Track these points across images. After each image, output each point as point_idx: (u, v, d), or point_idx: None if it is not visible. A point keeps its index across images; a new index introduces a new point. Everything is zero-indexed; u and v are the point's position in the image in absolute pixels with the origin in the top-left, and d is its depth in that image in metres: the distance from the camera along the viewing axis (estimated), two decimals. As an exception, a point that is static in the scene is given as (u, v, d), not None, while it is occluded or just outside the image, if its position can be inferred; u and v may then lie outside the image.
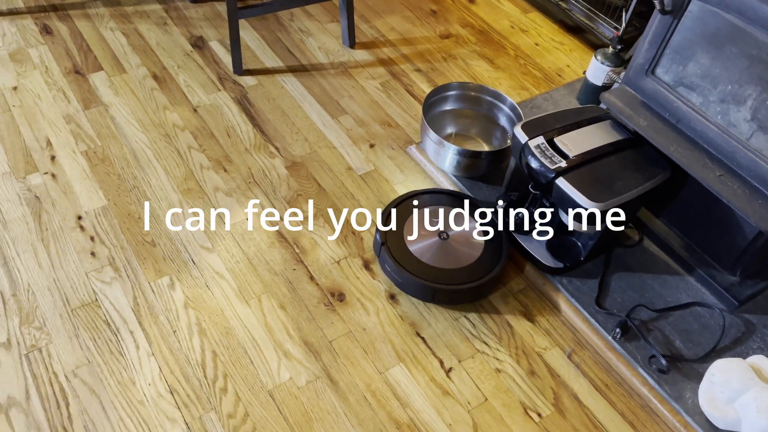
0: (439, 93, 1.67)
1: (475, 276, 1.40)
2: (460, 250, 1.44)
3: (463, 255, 1.43)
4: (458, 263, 1.41)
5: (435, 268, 1.40)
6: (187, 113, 1.74)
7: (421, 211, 1.49)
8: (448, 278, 1.39)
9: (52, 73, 1.81)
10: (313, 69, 1.92)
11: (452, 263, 1.41)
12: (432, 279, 1.38)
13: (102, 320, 1.32)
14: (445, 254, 1.43)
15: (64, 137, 1.65)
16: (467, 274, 1.40)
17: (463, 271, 1.40)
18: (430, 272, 1.39)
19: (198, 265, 1.43)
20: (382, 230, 1.43)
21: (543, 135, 1.38)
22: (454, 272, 1.40)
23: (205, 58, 1.91)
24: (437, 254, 1.42)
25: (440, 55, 2.03)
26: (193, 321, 1.34)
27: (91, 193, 1.53)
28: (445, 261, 1.41)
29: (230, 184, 1.59)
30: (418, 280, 1.37)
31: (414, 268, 1.39)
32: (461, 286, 1.38)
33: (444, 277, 1.39)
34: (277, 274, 1.43)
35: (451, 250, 1.44)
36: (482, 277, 1.40)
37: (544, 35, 2.15)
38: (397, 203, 1.50)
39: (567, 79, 2.00)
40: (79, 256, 1.42)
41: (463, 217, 1.50)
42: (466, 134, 1.71)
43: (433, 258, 1.42)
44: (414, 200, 1.51)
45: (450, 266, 1.40)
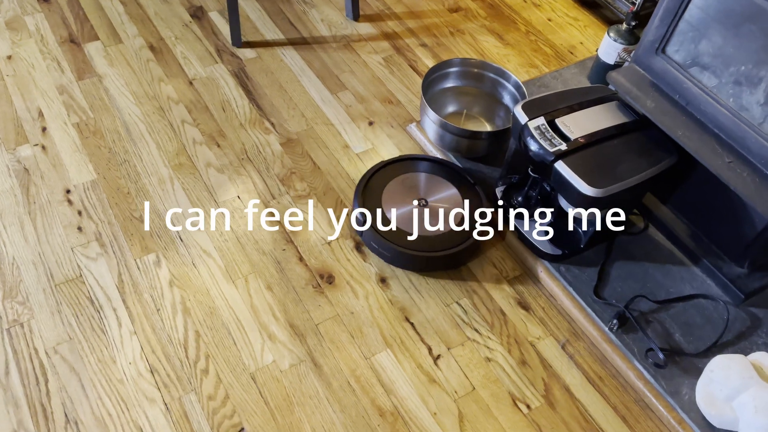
0: (439, 70, 1.60)
1: (452, 243, 1.38)
2: (440, 217, 1.42)
3: (443, 221, 1.41)
4: (438, 229, 1.40)
5: (414, 235, 1.38)
6: (182, 86, 1.70)
7: (400, 179, 1.47)
8: (425, 245, 1.37)
9: (47, 41, 1.77)
10: (315, 42, 1.87)
11: (432, 230, 1.39)
12: (410, 246, 1.36)
13: (85, 297, 1.30)
14: (424, 221, 1.41)
15: (56, 108, 1.62)
16: (445, 240, 1.38)
17: (442, 237, 1.38)
18: (407, 239, 1.37)
19: (186, 242, 1.40)
20: (360, 198, 1.42)
21: (544, 116, 1.31)
22: (432, 239, 1.38)
23: (204, 30, 1.86)
24: (417, 221, 1.40)
25: (447, 29, 1.96)
26: (178, 300, 1.31)
27: (81, 166, 1.51)
28: (424, 227, 1.39)
29: (223, 160, 1.55)
30: (394, 246, 1.35)
31: (393, 236, 1.37)
32: (438, 252, 1.36)
33: (422, 244, 1.37)
34: (265, 254, 1.40)
35: (431, 217, 1.42)
36: (460, 243, 1.38)
37: (558, 10, 2.07)
38: (376, 170, 1.48)
39: (579, 57, 1.92)
40: (66, 230, 1.39)
41: (444, 183, 1.47)
42: (468, 113, 1.64)
43: (412, 225, 1.40)
44: (392, 167, 1.49)
45: (428, 233, 1.39)
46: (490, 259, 1.43)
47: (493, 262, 1.43)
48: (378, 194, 1.45)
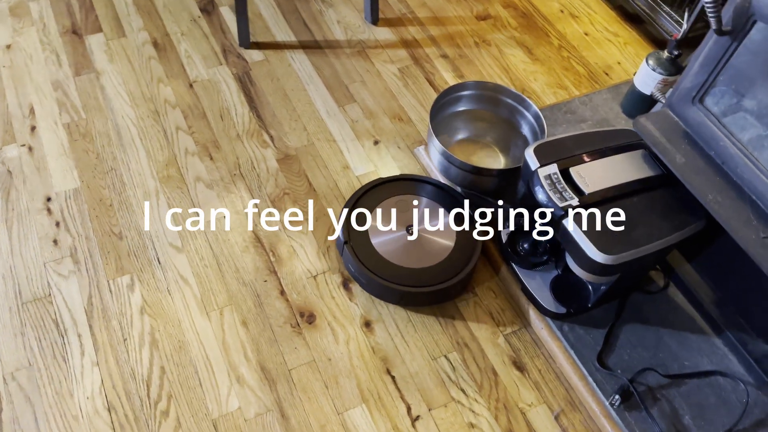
0: (453, 92, 1.47)
1: (440, 278, 1.27)
2: (427, 248, 1.31)
3: (430, 253, 1.30)
4: (424, 262, 1.28)
5: (398, 267, 1.27)
6: (181, 88, 1.61)
7: (389, 202, 1.36)
8: (412, 279, 1.26)
9: (48, 31, 1.69)
10: (328, 46, 1.74)
11: (417, 262, 1.28)
12: (393, 279, 1.25)
13: (51, 319, 1.23)
14: (410, 252, 1.30)
15: (48, 106, 1.54)
16: (433, 275, 1.27)
17: (428, 272, 1.27)
18: (392, 271, 1.27)
19: (163, 265, 1.32)
20: (344, 222, 1.32)
21: (557, 163, 1.17)
22: (419, 272, 1.27)
23: (213, 26, 1.75)
24: (402, 252, 1.30)
25: (473, 39, 1.81)
26: (147, 330, 1.23)
27: (66, 172, 1.43)
28: (409, 259, 1.29)
29: (213, 174, 1.46)
30: (377, 279, 1.24)
31: (375, 266, 1.26)
32: (424, 288, 1.25)
33: (407, 278, 1.26)
34: (245, 285, 1.30)
35: (418, 247, 1.31)
36: (448, 279, 1.27)
37: (597, 23, 1.89)
38: (365, 191, 1.37)
39: (614, 80, 1.75)
40: (41, 242, 1.32)
41: (435, 211, 1.35)
42: (481, 140, 1.51)
43: (397, 256, 1.29)
44: (381, 188, 1.38)
45: (415, 265, 1.28)
46: (488, 308, 1.31)
47: (491, 312, 1.31)
48: (364, 216, 1.34)
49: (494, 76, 1.72)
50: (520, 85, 1.71)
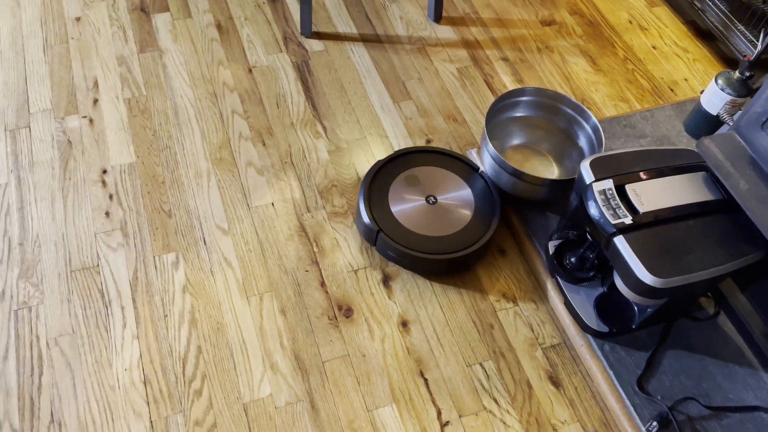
0: (511, 97, 1.44)
1: (458, 245, 1.30)
2: (448, 216, 1.34)
3: (451, 221, 1.33)
4: (444, 230, 1.32)
5: (417, 235, 1.31)
6: (240, 72, 1.62)
7: (410, 172, 1.39)
8: (430, 246, 1.30)
9: (117, 7, 1.73)
10: (388, 41, 1.73)
11: (438, 230, 1.32)
12: (413, 246, 1.29)
13: (97, 289, 1.26)
14: (431, 220, 1.33)
15: (111, 80, 1.58)
16: (451, 242, 1.31)
17: (448, 239, 1.31)
18: (412, 239, 1.30)
19: (209, 246, 1.34)
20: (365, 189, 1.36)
21: (613, 178, 1.14)
22: (438, 240, 1.31)
23: (276, 13, 1.77)
24: (423, 220, 1.33)
25: (536, 44, 1.77)
26: (187, 309, 1.25)
27: (122, 146, 1.46)
28: (430, 227, 1.32)
29: (265, 160, 1.47)
30: (397, 246, 1.28)
31: (395, 233, 1.30)
32: (442, 255, 1.29)
33: (426, 245, 1.30)
34: (287, 273, 1.31)
35: (439, 216, 1.34)
36: (466, 247, 1.30)
37: (666, 37, 1.83)
38: (384, 163, 1.41)
39: (679, 97, 1.70)
40: (94, 213, 1.36)
41: (454, 180, 1.38)
42: (535, 148, 1.48)
43: (417, 224, 1.32)
44: (401, 160, 1.42)
45: (435, 233, 1.31)
46: (528, 320, 1.29)
47: (531, 324, 1.29)
48: (385, 189, 1.37)
49: (554, 83, 1.68)
50: (580, 94, 1.67)
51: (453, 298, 1.31)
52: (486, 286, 1.33)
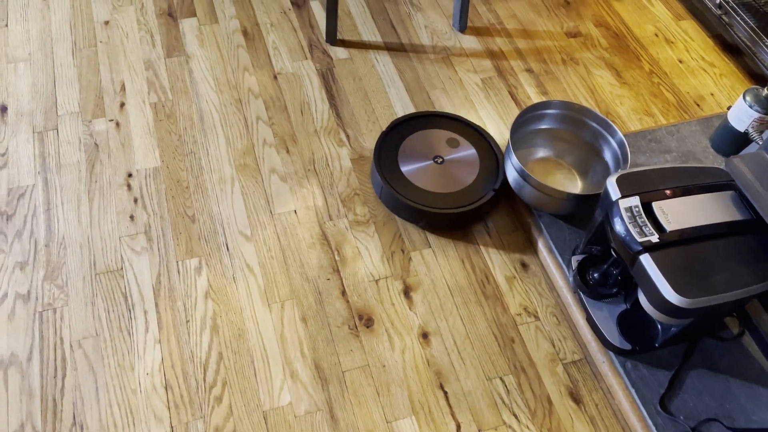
0: (536, 110, 1.43)
1: (461, 202, 1.39)
2: (454, 175, 1.43)
3: (456, 179, 1.42)
4: (449, 188, 1.41)
5: (423, 191, 1.39)
6: (265, 79, 1.63)
7: (420, 134, 1.48)
8: (435, 202, 1.38)
9: (146, 11, 1.75)
10: (413, 50, 1.74)
11: (443, 187, 1.40)
12: (415, 199, 1.37)
13: (121, 292, 1.27)
14: (438, 178, 1.42)
15: (138, 84, 1.59)
16: (455, 198, 1.39)
17: (452, 196, 1.39)
18: (416, 194, 1.39)
19: (231, 252, 1.34)
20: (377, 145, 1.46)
21: (640, 195, 1.13)
22: (442, 196, 1.39)
23: (302, 20, 1.78)
24: (430, 178, 1.42)
25: (560, 56, 1.77)
26: (209, 314, 1.26)
27: (148, 150, 1.48)
28: (437, 185, 1.41)
29: (288, 168, 1.48)
30: (401, 198, 1.37)
31: (401, 187, 1.39)
32: (445, 210, 1.37)
33: (431, 201, 1.38)
34: (308, 281, 1.32)
35: (446, 174, 1.43)
36: (468, 204, 1.39)
37: (692, 50, 1.82)
38: (396, 124, 1.50)
39: (705, 112, 1.68)
40: (119, 216, 1.37)
41: (460, 142, 1.48)
42: (559, 161, 1.47)
43: (425, 181, 1.41)
44: (414, 122, 1.52)
45: (440, 190, 1.40)
46: (549, 334, 1.28)
47: (552, 339, 1.28)
48: (395, 148, 1.46)
49: (579, 96, 1.68)
50: (605, 107, 1.66)
51: (474, 311, 1.30)
52: (507, 299, 1.33)
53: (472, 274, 1.35)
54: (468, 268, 1.36)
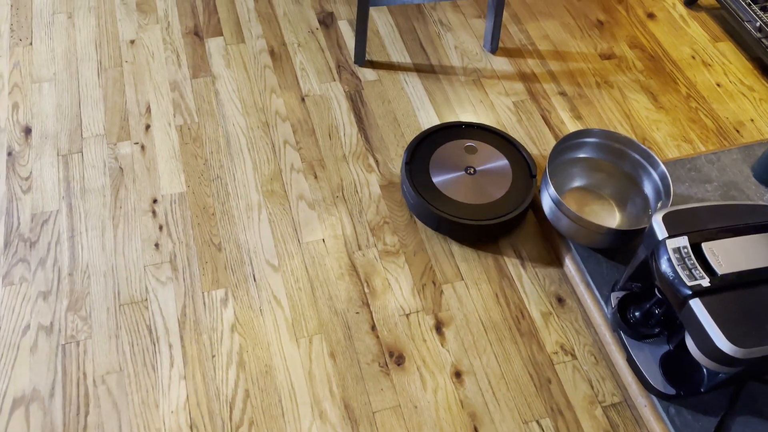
0: (575, 138, 1.39)
1: (488, 214, 1.37)
2: (485, 187, 1.42)
3: (487, 192, 1.41)
4: (479, 199, 1.39)
5: (452, 200, 1.38)
6: (293, 101, 1.60)
7: (452, 144, 1.48)
8: (463, 212, 1.37)
9: (172, 30, 1.72)
10: (442, 72, 1.69)
11: (472, 198, 1.39)
12: (444, 209, 1.36)
13: (145, 324, 1.24)
14: (468, 189, 1.40)
15: (164, 106, 1.56)
16: (484, 210, 1.38)
17: (481, 208, 1.38)
18: (445, 203, 1.38)
19: (258, 283, 1.30)
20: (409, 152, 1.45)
21: (688, 235, 1.08)
22: (471, 207, 1.38)
23: (329, 40, 1.74)
24: (461, 188, 1.40)
25: (594, 78, 1.72)
26: (236, 349, 1.22)
27: (174, 175, 1.44)
28: (466, 195, 1.39)
29: (316, 194, 1.44)
30: (428, 206, 1.36)
31: (430, 196, 1.38)
32: (470, 221, 1.36)
33: (458, 210, 1.37)
34: (337, 314, 1.27)
35: (477, 186, 1.41)
36: (495, 217, 1.37)
37: (731, 74, 1.76)
38: (430, 133, 1.49)
39: (746, 139, 1.62)
40: (144, 245, 1.34)
41: (494, 154, 1.46)
42: (597, 191, 1.42)
43: (455, 191, 1.40)
44: (449, 132, 1.51)
45: (469, 201, 1.39)
46: (587, 375, 1.23)
47: (590, 380, 1.23)
48: (427, 158, 1.45)
49: (614, 120, 1.63)
50: (641, 133, 1.61)
51: (509, 348, 1.26)
52: (543, 336, 1.28)
53: (506, 309, 1.31)
54: (502, 303, 1.31)
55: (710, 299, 1.02)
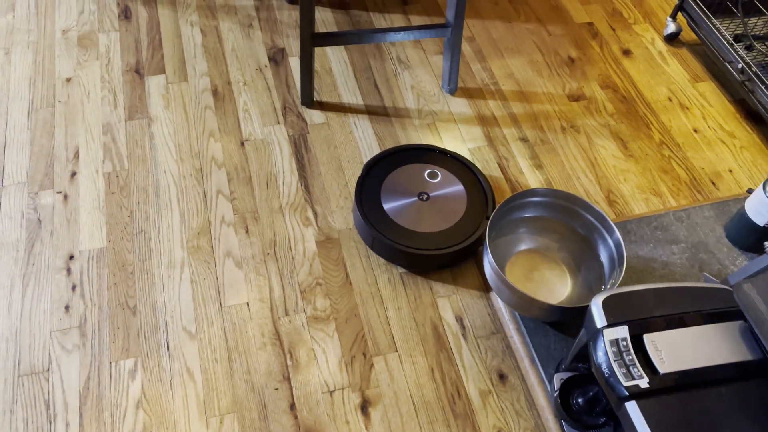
0: (521, 198, 1.27)
1: (445, 243, 1.30)
2: (439, 214, 1.34)
3: (441, 219, 1.33)
4: (435, 227, 1.32)
5: (406, 230, 1.31)
6: (231, 146, 1.50)
7: (403, 169, 1.39)
8: (417, 241, 1.29)
9: (111, 67, 1.63)
10: (396, 114, 1.58)
11: (428, 226, 1.32)
12: (399, 240, 1.28)
13: (43, 399, 1.14)
14: (421, 216, 1.33)
15: (94, 151, 1.47)
16: (439, 239, 1.30)
17: (437, 236, 1.30)
18: (400, 233, 1.30)
19: (172, 353, 1.20)
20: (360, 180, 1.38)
21: (629, 324, 0.96)
22: (427, 236, 1.30)
23: (278, 78, 1.64)
24: (414, 216, 1.33)
25: (560, 122, 1.60)
26: (139, 428, 1.11)
27: (95, 229, 1.35)
28: (420, 224, 1.32)
29: (245, 251, 1.33)
30: (383, 238, 1.28)
31: (384, 227, 1.30)
32: (425, 251, 1.28)
33: (412, 240, 1.29)
34: (254, 390, 1.17)
35: (430, 213, 1.34)
36: (451, 246, 1.29)
37: (710, 118, 1.63)
38: (381, 157, 1.42)
39: (722, 193, 1.49)
40: (53, 306, 1.24)
41: (445, 176, 1.39)
42: (548, 254, 1.30)
43: (408, 220, 1.32)
44: (396, 156, 1.43)
45: (424, 229, 1.31)
46: (525, 466, 1.11)
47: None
48: (377, 185, 1.37)
49: (578, 170, 1.51)
50: (606, 184, 1.48)
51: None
52: (480, 418, 1.16)
53: (441, 387, 1.19)
54: (437, 379, 1.20)
55: (649, 402, 0.89)
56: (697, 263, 1.33)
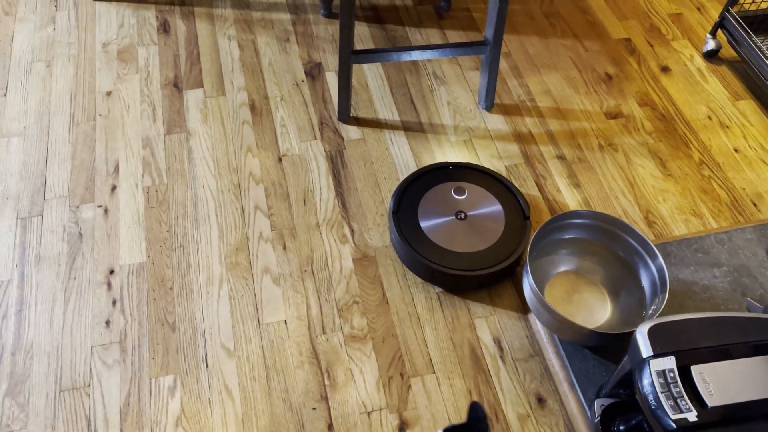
0: (563, 219, 1.26)
1: (483, 264, 1.29)
2: (476, 234, 1.33)
3: (478, 239, 1.32)
4: (471, 247, 1.31)
5: (442, 249, 1.30)
6: (269, 162, 1.50)
7: (440, 188, 1.39)
8: (454, 262, 1.28)
9: (151, 81, 1.65)
10: (432, 130, 1.58)
11: (465, 246, 1.31)
12: (435, 260, 1.28)
13: (84, 415, 1.15)
14: (459, 236, 1.32)
15: (133, 165, 1.49)
16: (477, 260, 1.29)
17: (473, 256, 1.29)
18: (435, 252, 1.29)
19: (210, 370, 1.21)
20: (396, 199, 1.37)
21: (676, 355, 0.94)
22: (463, 256, 1.29)
23: (315, 93, 1.65)
24: (451, 235, 1.32)
25: (598, 140, 1.58)
26: (178, 446, 1.13)
27: (135, 243, 1.36)
28: (457, 243, 1.31)
29: (283, 267, 1.34)
30: (419, 257, 1.28)
31: (421, 247, 1.30)
32: (463, 272, 1.27)
33: (450, 260, 1.28)
34: (292, 410, 1.17)
35: (468, 233, 1.33)
36: (489, 266, 1.28)
37: (751, 138, 1.61)
38: (417, 175, 1.41)
39: (764, 214, 1.47)
40: (94, 321, 1.26)
41: (482, 195, 1.38)
42: (588, 276, 1.29)
43: (444, 238, 1.31)
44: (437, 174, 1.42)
45: (461, 249, 1.30)
46: (565, 493, 1.10)
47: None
48: (415, 202, 1.37)
49: (616, 189, 1.49)
50: (645, 205, 1.47)
51: (478, 457, 1.13)
52: (518, 443, 1.15)
53: (479, 410, 1.18)
54: (475, 402, 1.19)
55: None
56: (740, 288, 1.31)
